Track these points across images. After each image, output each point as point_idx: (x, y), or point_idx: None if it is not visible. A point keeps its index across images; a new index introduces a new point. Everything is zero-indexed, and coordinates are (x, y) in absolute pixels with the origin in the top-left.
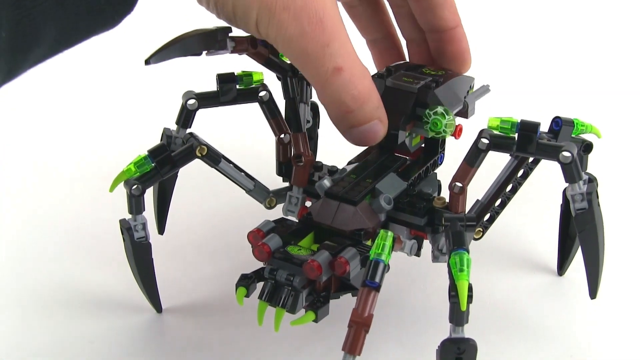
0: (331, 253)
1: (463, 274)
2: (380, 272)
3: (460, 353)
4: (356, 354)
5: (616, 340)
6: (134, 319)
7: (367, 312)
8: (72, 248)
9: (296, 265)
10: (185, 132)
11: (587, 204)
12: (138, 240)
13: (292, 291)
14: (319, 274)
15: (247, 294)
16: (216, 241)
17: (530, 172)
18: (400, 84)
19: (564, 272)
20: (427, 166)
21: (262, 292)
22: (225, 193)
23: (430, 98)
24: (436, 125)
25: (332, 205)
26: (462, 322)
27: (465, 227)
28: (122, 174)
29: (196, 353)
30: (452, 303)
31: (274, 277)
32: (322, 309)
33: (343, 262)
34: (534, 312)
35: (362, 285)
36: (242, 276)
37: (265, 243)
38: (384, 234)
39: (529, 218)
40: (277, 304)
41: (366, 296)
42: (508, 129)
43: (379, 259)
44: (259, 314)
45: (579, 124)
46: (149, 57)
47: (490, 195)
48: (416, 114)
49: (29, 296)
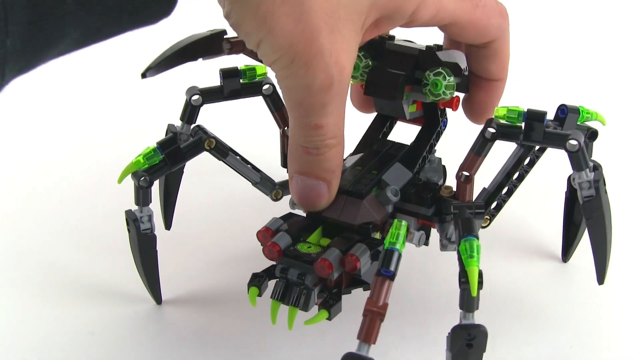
0: (341, 250)
1: (473, 260)
2: (395, 261)
3: (471, 339)
4: (371, 343)
5: (621, 325)
6: (132, 309)
7: (381, 301)
8: (72, 239)
9: (307, 264)
10: (190, 128)
11: (595, 192)
12: (144, 231)
13: (304, 290)
14: (330, 272)
15: (259, 293)
16: (217, 234)
17: (536, 160)
18: (400, 47)
19: (569, 259)
20: (431, 142)
21: (274, 291)
22: (228, 186)
23: (432, 59)
24: (436, 85)
25: (339, 199)
26: (473, 308)
27: (474, 215)
28: (131, 166)
29: (195, 344)
30: (462, 289)
31: (286, 276)
32: (335, 307)
33: (354, 259)
34: (539, 298)
35: (376, 275)
36: (253, 275)
37: (275, 242)
38: (398, 223)
39: (533, 205)
40: (289, 302)
41: (381, 285)
42: (515, 118)
43: (394, 248)
44: (273, 313)
45: (584, 112)
46: (145, 70)
47: (497, 184)
48: (415, 77)
49: (28, 287)
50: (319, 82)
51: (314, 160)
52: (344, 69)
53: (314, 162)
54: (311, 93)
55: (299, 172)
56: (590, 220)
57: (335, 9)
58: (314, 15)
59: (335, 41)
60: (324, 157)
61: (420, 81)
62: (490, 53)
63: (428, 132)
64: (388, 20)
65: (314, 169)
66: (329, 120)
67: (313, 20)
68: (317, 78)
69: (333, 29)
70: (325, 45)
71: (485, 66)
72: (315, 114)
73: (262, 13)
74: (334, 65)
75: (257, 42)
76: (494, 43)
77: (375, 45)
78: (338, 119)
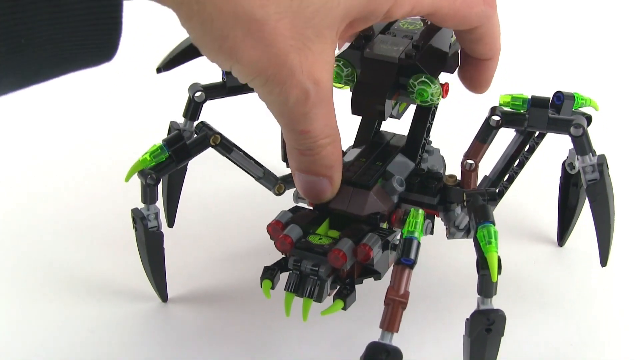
0: (353, 240)
1: (492, 246)
2: (415, 249)
3: (490, 324)
4: (394, 331)
5: (616, 307)
6: (138, 307)
7: (402, 289)
8: (75, 237)
9: (320, 255)
10: (193, 125)
11: (599, 175)
12: (151, 229)
13: (318, 281)
14: (344, 262)
15: (272, 286)
16: (220, 230)
17: (536, 147)
18: (379, 55)
19: (564, 243)
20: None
21: (288, 283)
22: (230, 181)
23: (413, 68)
24: (422, 95)
25: (345, 191)
26: (491, 293)
27: (487, 201)
28: (138, 164)
29: (201, 341)
30: (481, 275)
31: (299, 268)
32: (350, 297)
33: (367, 248)
34: (536, 282)
35: (396, 263)
36: (265, 268)
37: (287, 234)
38: (415, 212)
39: (529, 190)
40: (304, 294)
41: (401, 273)
42: (519, 105)
43: (412, 236)
44: (287, 305)
45: (579, 98)
46: (160, 65)
47: (498, 171)
48: (400, 83)
49: (30, 284)
50: (294, 98)
51: (311, 160)
52: (320, 80)
53: (311, 161)
54: (289, 107)
55: (299, 170)
56: (595, 203)
57: (301, 32)
58: (279, 42)
59: (306, 58)
60: (320, 156)
61: (406, 87)
62: (476, 37)
63: (423, 115)
64: (362, 21)
65: (312, 167)
66: (315, 126)
67: (279, 46)
68: (292, 95)
69: (302, 48)
70: (296, 64)
71: (473, 48)
72: (299, 123)
73: (226, 49)
74: (307, 80)
75: (228, 68)
76: (479, 29)
77: (355, 53)
78: (326, 121)
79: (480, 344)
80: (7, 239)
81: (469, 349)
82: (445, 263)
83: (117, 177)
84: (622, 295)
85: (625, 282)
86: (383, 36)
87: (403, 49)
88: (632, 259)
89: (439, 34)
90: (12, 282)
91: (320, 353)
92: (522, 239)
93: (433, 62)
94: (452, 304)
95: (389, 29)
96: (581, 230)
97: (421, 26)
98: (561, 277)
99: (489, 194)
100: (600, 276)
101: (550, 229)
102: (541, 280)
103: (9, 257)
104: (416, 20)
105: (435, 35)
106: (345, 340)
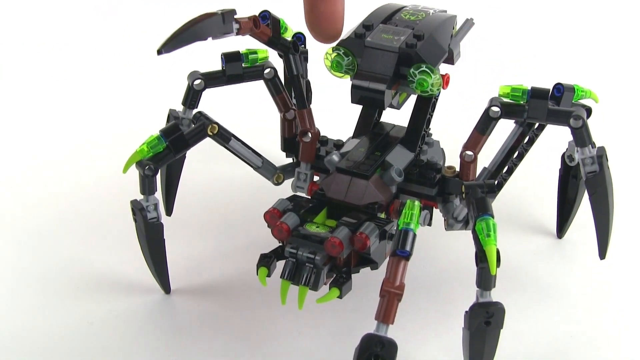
0: (350, 229)
1: (491, 239)
2: (411, 241)
3: (489, 317)
4: (389, 323)
5: (614, 299)
6: (142, 299)
7: (398, 281)
8: (76, 230)
9: (317, 243)
10: (192, 112)
11: (598, 167)
12: (151, 220)
13: (314, 269)
14: (341, 251)
15: (268, 273)
16: (222, 221)
17: (535, 139)
18: (380, 43)
19: (563, 235)
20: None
21: (284, 271)
22: (228, 171)
23: (414, 57)
24: (422, 85)
25: (344, 180)
26: (490, 286)
27: (486, 193)
28: (136, 155)
29: (204, 333)
30: (480, 268)
31: (295, 256)
32: (346, 285)
33: (364, 237)
34: (535, 273)
35: (392, 255)
36: (262, 256)
37: (284, 222)
38: (411, 203)
39: (529, 182)
40: (299, 282)
41: (397, 265)
42: (519, 96)
43: (408, 228)
44: (282, 293)
45: (579, 90)
46: (161, 47)
47: (497, 163)
48: (400, 73)
49: (31, 277)
50: None
51: None
52: None
53: None
54: None
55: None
56: (594, 196)
57: None
58: None
59: None
60: None
61: (406, 77)
62: None
63: (423, 106)
64: None
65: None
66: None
67: None
68: None
69: None
70: None
71: None
72: None
73: None
74: None
75: None
76: None
77: (356, 42)
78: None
79: (480, 337)
80: (8, 233)
81: (468, 342)
82: (444, 255)
83: (115, 170)
84: (620, 287)
85: (623, 274)
86: (384, 26)
87: (404, 38)
88: (630, 252)
89: (441, 24)
90: (13, 275)
91: (318, 344)
92: (521, 231)
93: (434, 52)
94: (451, 296)
95: (390, 19)
96: (580, 223)
97: (423, 17)
98: (560, 269)
99: (488, 186)
100: (599, 268)
101: (550, 221)
102: (540, 273)
103: (11, 251)
104: (418, 11)
105: (437, 26)
106: (342, 331)
